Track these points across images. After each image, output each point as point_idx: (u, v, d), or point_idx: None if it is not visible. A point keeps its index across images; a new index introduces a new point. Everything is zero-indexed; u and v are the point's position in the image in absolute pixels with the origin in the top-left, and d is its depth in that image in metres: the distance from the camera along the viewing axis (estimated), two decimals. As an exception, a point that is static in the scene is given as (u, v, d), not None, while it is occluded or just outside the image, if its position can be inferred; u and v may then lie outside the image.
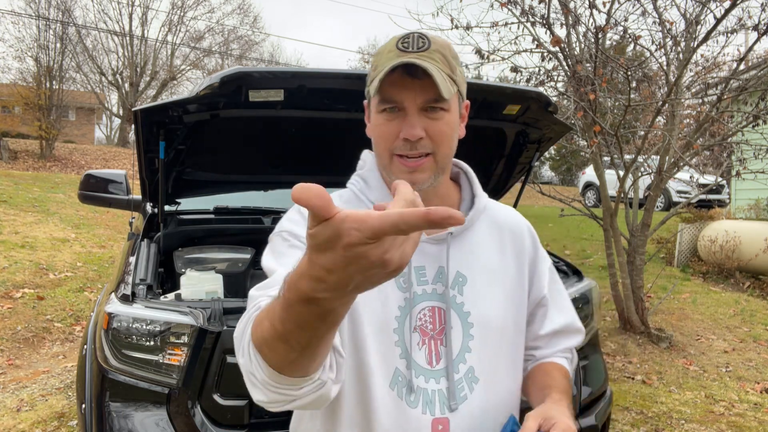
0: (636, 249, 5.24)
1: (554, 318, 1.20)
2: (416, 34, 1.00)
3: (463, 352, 1.07)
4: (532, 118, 2.50)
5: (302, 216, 1.08)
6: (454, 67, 1.02)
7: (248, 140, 2.59)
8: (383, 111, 1.03)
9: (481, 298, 1.09)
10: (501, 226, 1.17)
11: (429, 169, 1.03)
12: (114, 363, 1.86)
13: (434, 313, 1.07)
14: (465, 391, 1.05)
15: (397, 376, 1.04)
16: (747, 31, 5.21)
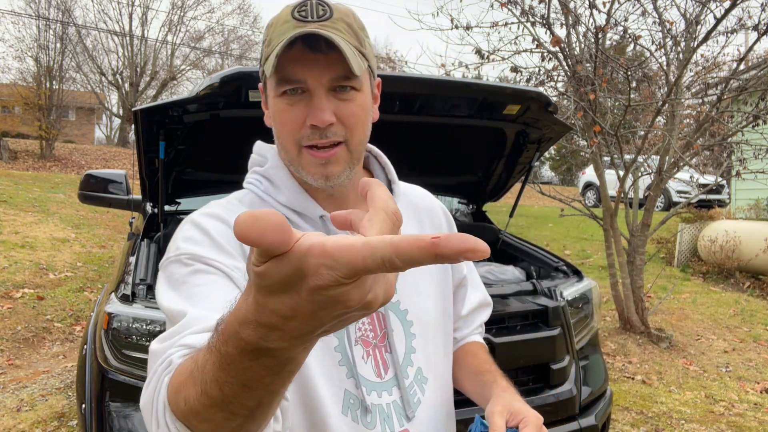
0: (636, 249, 5.24)
1: (471, 296, 1.16)
2: (314, 1, 0.83)
3: (409, 354, 0.97)
4: (532, 118, 2.50)
5: (203, 233, 0.87)
6: (362, 39, 0.86)
7: (248, 140, 2.58)
8: (283, 94, 0.86)
9: (413, 291, 0.99)
10: (419, 209, 1.07)
11: (343, 160, 0.89)
12: (114, 363, 1.86)
13: (373, 319, 0.95)
14: (417, 395, 0.97)
15: (348, 398, 0.91)
16: (747, 31, 5.21)
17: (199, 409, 0.55)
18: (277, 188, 0.95)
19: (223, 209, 0.92)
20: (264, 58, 0.88)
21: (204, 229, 0.88)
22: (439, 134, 2.61)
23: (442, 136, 2.64)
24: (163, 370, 0.67)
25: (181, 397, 0.58)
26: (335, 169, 0.89)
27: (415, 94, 2.26)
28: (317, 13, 0.82)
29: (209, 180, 2.81)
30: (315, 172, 0.89)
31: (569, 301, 2.34)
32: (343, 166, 0.89)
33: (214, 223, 0.89)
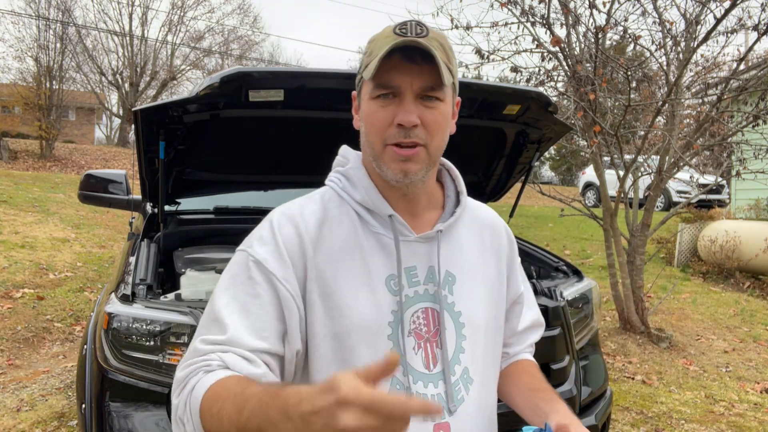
0: (636, 249, 5.24)
1: (526, 314, 1.21)
2: (414, 21, 0.95)
3: (458, 353, 1.04)
4: (532, 118, 2.50)
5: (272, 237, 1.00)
6: (451, 58, 0.98)
7: (248, 140, 2.59)
8: (377, 97, 0.98)
9: (469, 296, 1.07)
10: (481, 224, 1.14)
11: (422, 161, 0.99)
12: (114, 363, 1.86)
13: (428, 315, 1.03)
14: (462, 393, 1.02)
15: (394, 384, 0.99)
16: (747, 31, 5.21)
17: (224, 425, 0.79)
18: (354, 187, 1.06)
19: (300, 209, 1.05)
20: (363, 66, 1.00)
21: (275, 232, 1.01)
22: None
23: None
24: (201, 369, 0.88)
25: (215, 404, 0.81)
26: (414, 167, 0.98)
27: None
28: (416, 31, 0.94)
29: (209, 180, 2.81)
30: (395, 168, 0.98)
31: (569, 301, 2.34)
32: (421, 166, 0.99)
33: (286, 229, 1.01)
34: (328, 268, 0.99)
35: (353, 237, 1.02)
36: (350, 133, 1.88)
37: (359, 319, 0.98)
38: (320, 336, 0.98)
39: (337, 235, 1.02)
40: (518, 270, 1.19)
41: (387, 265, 1.01)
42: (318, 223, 1.02)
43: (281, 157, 2.79)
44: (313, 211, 1.04)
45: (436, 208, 1.10)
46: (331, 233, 1.02)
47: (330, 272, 0.99)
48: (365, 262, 1.01)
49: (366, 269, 1.00)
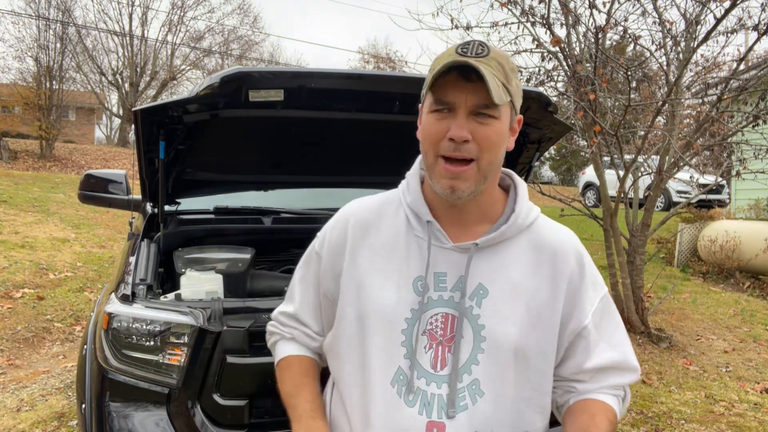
0: (636, 249, 5.24)
1: (603, 353, 1.13)
2: (477, 42, 1.01)
3: (470, 364, 1.06)
4: (532, 118, 2.50)
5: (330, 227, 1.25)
6: (509, 77, 1.02)
7: (248, 140, 2.59)
8: (434, 111, 1.04)
9: (500, 314, 1.07)
10: (542, 247, 1.12)
11: (471, 178, 1.04)
12: (114, 363, 1.86)
13: (446, 320, 1.07)
14: (466, 401, 1.04)
15: (399, 374, 1.07)
16: (747, 31, 5.21)
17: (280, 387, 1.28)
18: (408, 191, 1.17)
19: (359, 205, 1.23)
20: (426, 84, 1.06)
21: (334, 224, 1.24)
22: (439, 134, 2.61)
23: (442, 136, 2.64)
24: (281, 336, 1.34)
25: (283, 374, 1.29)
26: (462, 185, 1.04)
27: (416, 94, 2.25)
28: (476, 51, 1.00)
29: (209, 180, 2.81)
30: (444, 183, 1.05)
31: (569, 301, 2.34)
32: (470, 183, 1.04)
33: (339, 224, 1.22)
34: (366, 261, 1.13)
35: (397, 236, 1.13)
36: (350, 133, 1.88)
37: (379, 307, 1.09)
38: (350, 318, 1.12)
39: (384, 232, 1.15)
40: (587, 302, 1.12)
41: (419, 267, 1.10)
42: (367, 222, 1.17)
43: (281, 157, 2.79)
44: (369, 209, 1.20)
45: (491, 221, 1.14)
46: (378, 230, 1.15)
47: (367, 264, 1.13)
48: (401, 260, 1.11)
49: (399, 267, 1.11)
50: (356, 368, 1.11)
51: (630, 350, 1.17)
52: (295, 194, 3.23)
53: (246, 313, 1.93)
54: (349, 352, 1.13)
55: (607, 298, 1.16)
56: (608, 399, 1.14)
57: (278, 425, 1.87)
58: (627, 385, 1.19)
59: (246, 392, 1.85)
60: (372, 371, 1.08)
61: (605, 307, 1.15)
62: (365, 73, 2.53)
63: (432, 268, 1.08)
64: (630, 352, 1.17)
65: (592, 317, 1.12)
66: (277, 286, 2.58)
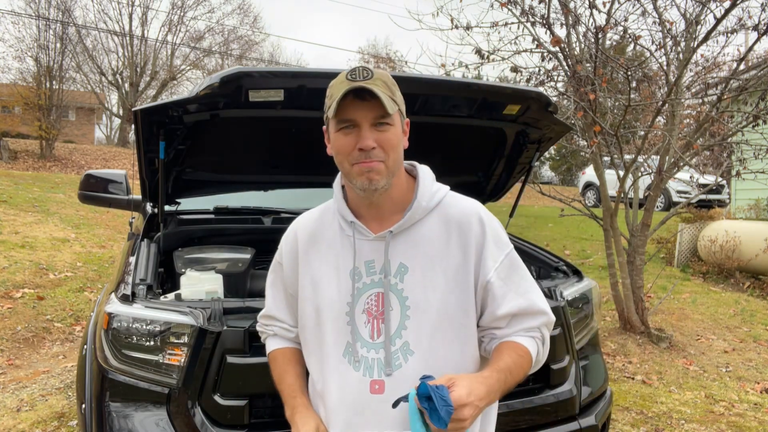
0: (636, 249, 5.24)
1: (511, 301, 1.32)
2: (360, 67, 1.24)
3: (400, 330, 1.29)
4: (532, 118, 2.50)
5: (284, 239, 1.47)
6: (394, 91, 1.27)
7: (248, 140, 2.59)
8: (341, 129, 1.26)
9: (421, 284, 1.29)
10: (449, 220, 1.33)
11: (382, 171, 1.26)
12: (114, 363, 1.86)
13: (378, 298, 1.31)
14: (400, 360, 1.28)
15: (348, 348, 1.32)
16: (747, 31, 5.21)
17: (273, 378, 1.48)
18: (335, 199, 1.40)
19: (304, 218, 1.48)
20: (327, 107, 1.28)
21: (286, 237, 1.48)
22: (439, 134, 2.61)
23: (442, 136, 2.64)
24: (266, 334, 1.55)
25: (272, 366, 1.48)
26: (376, 176, 1.26)
27: (416, 94, 2.25)
28: (363, 75, 1.23)
29: (209, 180, 2.81)
30: (362, 178, 1.26)
31: (569, 301, 2.34)
32: (381, 176, 1.26)
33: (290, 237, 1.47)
34: (315, 262, 1.38)
35: (334, 237, 1.38)
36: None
37: (328, 299, 1.34)
38: (309, 311, 1.37)
39: (325, 236, 1.40)
40: (490, 259, 1.31)
41: (351, 259, 1.34)
42: (311, 230, 1.42)
43: (281, 157, 2.79)
44: (312, 220, 1.45)
45: (404, 209, 1.34)
46: (322, 235, 1.40)
47: (316, 264, 1.38)
48: (338, 257, 1.36)
49: (337, 263, 1.35)
50: (317, 350, 1.36)
51: (536, 296, 1.35)
52: (295, 194, 3.23)
53: (246, 313, 1.93)
54: (311, 338, 1.38)
55: (512, 254, 1.36)
56: (522, 339, 1.33)
57: (278, 425, 1.87)
58: (542, 327, 1.36)
59: (246, 392, 1.85)
60: (328, 348, 1.33)
61: (511, 263, 1.35)
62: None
63: (361, 258, 1.32)
64: (536, 298, 1.35)
65: (496, 272, 1.31)
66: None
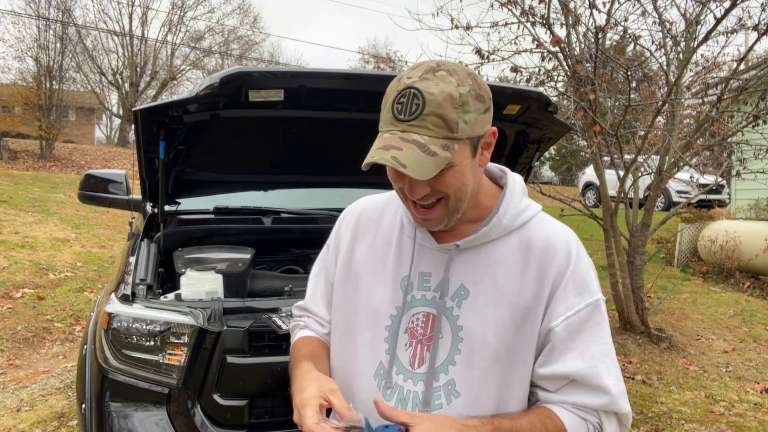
0: (636, 249, 5.24)
1: (568, 361, 1.03)
2: (413, 91, 0.95)
3: (447, 364, 1.06)
4: (532, 118, 2.50)
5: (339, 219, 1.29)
6: (455, 122, 0.96)
7: (248, 140, 2.58)
8: None
9: (480, 315, 1.05)
10: (531, 246, 1.07)
11: (441, 215, 1.04)
12: (114, 363, 1.86)
13: (427, 319, 1.09)
14: (441, 401, 1.05)
15: (380, 368, 1.11)
16: (747, 31, 5.21)
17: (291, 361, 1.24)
18: None
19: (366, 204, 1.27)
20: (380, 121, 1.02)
21: (343, 217, 1.29)
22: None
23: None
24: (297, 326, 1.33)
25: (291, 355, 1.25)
26: (434, 221, 1.05)
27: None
28: (410, 109, 0.95)
29: (209, 180, 2.81)
30: (417, 220, 1.08)
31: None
32: (441, 218, 1.05)
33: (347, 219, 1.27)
34: (363, 256, 1.19)
35: (392, 236, 1.17)
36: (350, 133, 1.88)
37: (369, 303, 1.14)
38: (345, 312, 1.19)
39: (382, 231, 1.19)
40: (563, 303, 1.04)
41: (407, 266, 1.13)
42: (370, 218, 1.23)
43: (281, 157, 2.79)
44: (375, 208, 1.24)
45: (481, 221, 1.11)
46: (379, 229, 1.20)
47: (364, 260, 1.18)
48: (392, 260, 1.15)
49: (390, 266, 1.15)
50: (346, 358, 1.17)
51: (605, 369, 1.03)
52: (295, 194, 3.23)
53: (246, 313, 1.93)
54: (340, 341, 1.20)
55: (596, 308, 1.05)
56: (563, 413, 1.04)
57: (278, 425, 1.87)
58: (603, 414, 1.04)
59: (246, 392, 1.85)
60: (358, 363, 1.13)
61: (591, 317, 1.05)
62: (365, 73, 2.53)
63: (417, 267, 1.11)
64: (604, 372, 1.03)
65: (566, 322, 1.03)
66: (277, 286, 2.58)
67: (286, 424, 1.94)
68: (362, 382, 1.12)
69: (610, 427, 1.05)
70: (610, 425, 1.05)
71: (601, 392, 1.02)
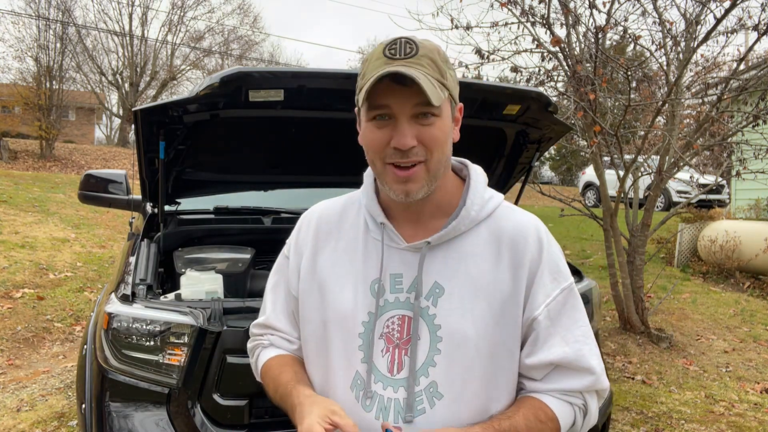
0: (636, 249, 5.24)
1: (553, 348, 1.03)
2: (403, 39, 0.96)
3: (427, 366, 1.02)
4: (532, 118, 2.50)
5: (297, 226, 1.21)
6: (444, 71, 0.98)
7: (248, 140, 2.59)
8: (373, 119, 1.00)
9: (458, 312, 1.02)
10: (501, 236, 1.06)
11: (422, 178, 1.00)
12: (114, 363, 1.86)
13: (403, 322, 1.04)
14: (424, 405, 1.01)
15: (356, 379, 1.05)
16: (747, 31, 5.21)
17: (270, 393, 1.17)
18: (364, 193, 1.14)
19: (323, 209, 1.20)
20: (359, 89, 1.02)
21: (299, 225, 1.21)
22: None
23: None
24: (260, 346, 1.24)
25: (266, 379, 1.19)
26: (414, 186, 1.00)
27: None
28: (404, 51, 0.95)
29: (209, 180, 2.81)
30: (397, 188, 1.01)
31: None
32: (421, 184, 1.01)
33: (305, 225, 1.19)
34: (327, 263, 1.12)
35: (356, 238, 1.11)
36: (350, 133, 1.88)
37: (338, 311, 1.08)
38: (315, 322, 1.12)
39: (345, 235, 1.13)
40: (542, 290, 1.04)
41: (376, 269, 1.07)
42: (330, 223, 1.16)
43: (281, 157, 2.79)
44: (334, 212, 1.17)
45: (447, 215, 1.08)
46: (341, 233, 1.14)
47: (329, 265, 1.12)
48: (359, 263, 1.09)
49: (357, 270, 1.09)
50: (320, 371, 1.11)
51: (589, 351, 1.05)
52: (295, 194, 3.23)
53: (246, 313, 1.93)
54: (314, 354, 1.13)
55: (570, 291, 1.06)
56: (552, 402, 1.04)
57: (278, 425, 1.87)
58: (586, 393, 1.06)
59: (246, 392, 1.85)
60: (333, 375, 1.08)
61: (567, 300, 1.05)
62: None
63: (388, 269, 1.06)
64: (588, 353, 1.05)
65: (547, 309, 1.03)
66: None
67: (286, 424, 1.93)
68: (339, 395, 1.06)
69: (593, 404, 1.08)
70: (593, 402, 1.08)
71: (587, 373, 1.04)
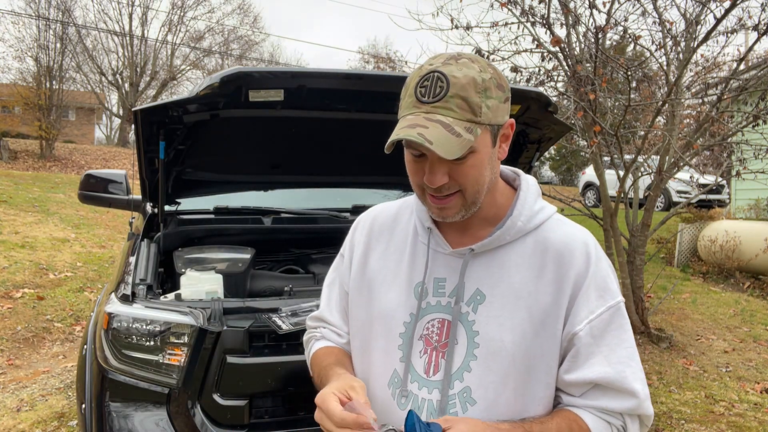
0: (636, 249, 5.24)
1: (594, 366, 1.02)
2: (436, 74, 0.95)
3: (462, 371, 1.04)
4: (532, 118, 2.50)
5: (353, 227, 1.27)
6: (478, 105, 0.95)
7: (248, 140, 2.59)
8: (409, 149, 1.01)
9: (497, 320, 1.03)
10: (547, 248, 1.06)
11: (458, 206, 1.02)
12: (114, 363, 1.86)
13: (443, 326, 1.07)
14: (456, 409, 1.03)
15: (394, 377, 1.10)
16: (747, 31, 5.21)
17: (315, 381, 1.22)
18: (416, 198, 1.16)
19: (378, 212, 1.26)
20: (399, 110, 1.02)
21: (356, 225, 1.27)
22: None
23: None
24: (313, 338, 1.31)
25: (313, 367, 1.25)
26: (450, 212, 1.04)
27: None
28: (434, 92, 0.95)
29: (209, 180, 2.81)
30: (434, 212, 1.06)
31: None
32: (457, 209, 1.03)
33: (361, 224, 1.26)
34: (377, 263, 1.18)
35: (406, 242, 1.17)
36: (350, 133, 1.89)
37: (383, 310, 1.13)
38: (361, 319, 1.18)
39: (396, 238, 1.19)
40: (585, 307, 1.02)
41: (421, 272, 1.11)
42: (384, 225, 1.22)
43: (281, 157, 2.79)
44: (388, 215, 1.23)
45: (494, 224, 1.09)
46: (392, 236, 1.20)
47: (378, 268, 1.18)
48: (406, 266, 1.14)
49: (404, 273, 1.13)
50: (362, 366, 1.17)
51: (633, 373, 1.02)
52: (295, 194, 3.23)
53: (246, 313, 1.93)
54: (358, 350, 1.19)
55: (617, 310, 1.04)
56: (588, 417, 1.03)
57: (278, 425, 1.87)
58: (627, 417, 1.04)
59: (246, 392, 1.85)
60: (373, 371, 1.13)
61: (613, 319, 1.04)
62: (365, 73, 2.53)
63: (432, 273, 1.10)
64: (632, 375, 1.02)
65: (590, 326, 1.02)
66: (277, 286, 2.58)
67: (286, 424, 1.93)
68: (376, 391, 1.10)
69: (633, 428, 1.05)
70: (633, 427, 1.05)
71: (629, 396, 1.02)
